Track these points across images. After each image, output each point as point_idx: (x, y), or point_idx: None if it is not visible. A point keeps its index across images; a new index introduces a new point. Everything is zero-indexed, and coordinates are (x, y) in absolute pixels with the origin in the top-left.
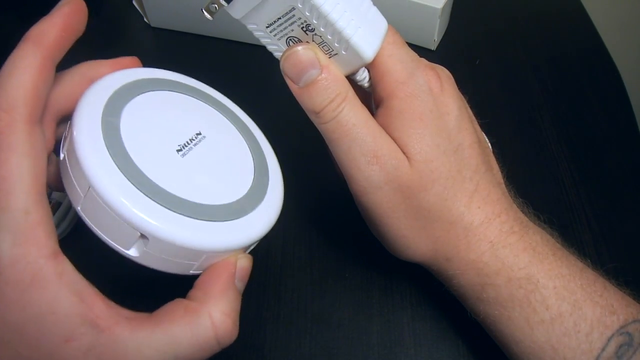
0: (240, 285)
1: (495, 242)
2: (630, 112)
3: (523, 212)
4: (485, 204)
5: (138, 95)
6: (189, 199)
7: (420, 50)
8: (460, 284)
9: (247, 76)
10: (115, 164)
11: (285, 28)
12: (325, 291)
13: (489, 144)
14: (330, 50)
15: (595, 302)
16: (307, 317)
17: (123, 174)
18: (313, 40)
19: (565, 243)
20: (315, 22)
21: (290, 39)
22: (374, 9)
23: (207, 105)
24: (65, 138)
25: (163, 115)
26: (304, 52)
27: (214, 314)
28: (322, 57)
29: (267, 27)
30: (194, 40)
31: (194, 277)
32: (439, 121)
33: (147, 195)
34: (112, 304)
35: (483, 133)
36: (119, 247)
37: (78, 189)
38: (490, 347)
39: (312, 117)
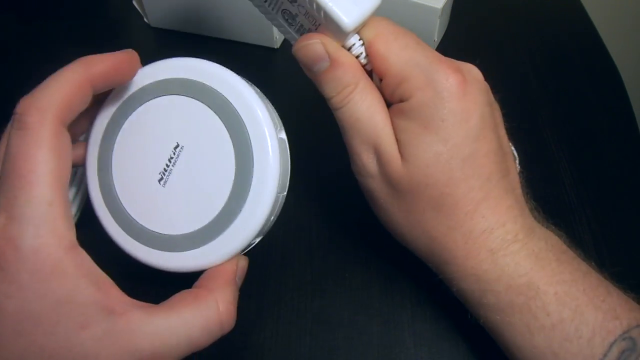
0: (239, 281)
1: (496, 251)
2: (630, 112)
3: (533, 217)
4: (492, 213)
5: (132, 112)
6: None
7: None
8: (460, 288)
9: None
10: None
11: (277, 0)
12: (325, 291)
13: (515, 152)
14: (314, 20)
15: (598, 307)
16: (307, 317)
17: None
18: (298, 11)
19: (572, 245)
20: None
21: (284, 12)
22: None
23: (201, 104)
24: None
25: (149, 133)
26: (313, 46)
27: (220, 301)
28: (332, 49)
29: (265, 1)
30: (194, 40)
31: (199, 274)
32: (448, 130)
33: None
34: (125, 294)
35: (508, 141)
36: None
37: None
38: (490, 347)
39: (327, 101)
